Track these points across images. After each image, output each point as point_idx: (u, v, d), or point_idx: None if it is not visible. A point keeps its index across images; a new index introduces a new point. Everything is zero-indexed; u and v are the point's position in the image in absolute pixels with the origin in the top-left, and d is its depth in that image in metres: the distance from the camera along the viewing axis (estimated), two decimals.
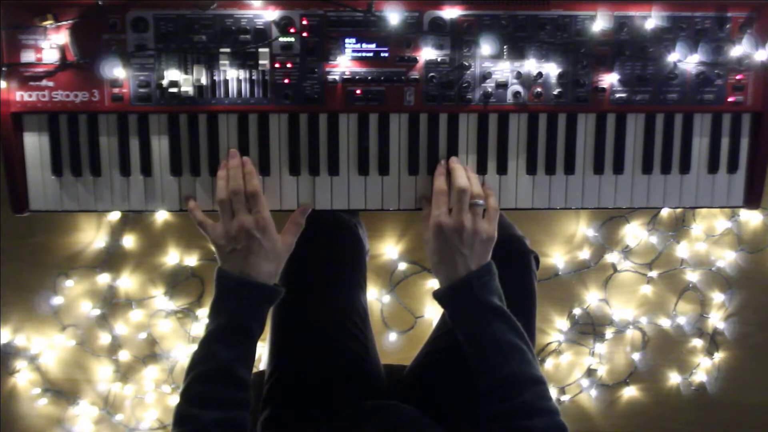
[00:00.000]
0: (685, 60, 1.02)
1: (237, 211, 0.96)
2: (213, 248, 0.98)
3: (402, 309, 1.83)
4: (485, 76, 1.02)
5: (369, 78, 1.02)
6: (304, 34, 1.01)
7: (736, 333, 1.90)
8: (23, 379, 1.83)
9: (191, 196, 1.04)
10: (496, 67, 1.03)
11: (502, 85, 1.03)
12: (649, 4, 1.01)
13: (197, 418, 0.88)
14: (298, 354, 1.10)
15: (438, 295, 0.97)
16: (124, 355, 1.82)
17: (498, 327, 0.92)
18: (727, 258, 1.86)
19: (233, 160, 1.00)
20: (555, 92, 1.03)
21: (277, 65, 1.01)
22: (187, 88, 1.00)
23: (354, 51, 1.01)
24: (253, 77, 1.02)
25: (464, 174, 0.99)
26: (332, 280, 1.15)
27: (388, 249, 1.80)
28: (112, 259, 1.79)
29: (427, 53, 1.02)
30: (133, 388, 1.84)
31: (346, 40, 1.01)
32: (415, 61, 1.02)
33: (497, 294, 0.95)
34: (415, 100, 1.03)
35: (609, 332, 1.88)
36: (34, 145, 1.03)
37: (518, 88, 1.03)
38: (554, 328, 1.87)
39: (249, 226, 0.95)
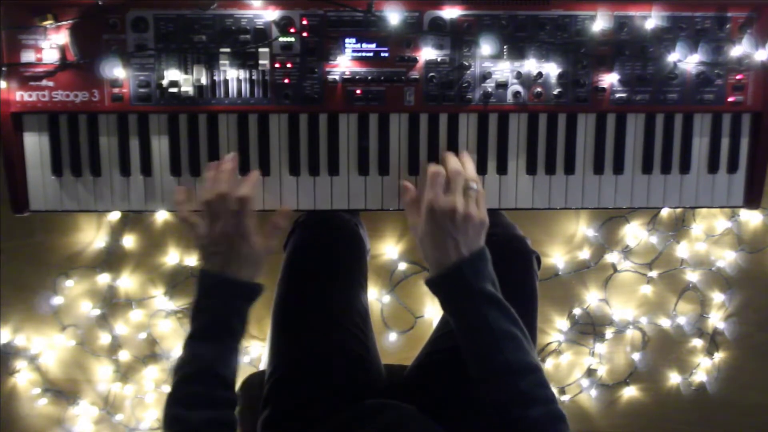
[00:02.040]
0: (685, 60, 1.02)
1: (221, 214, 0.95)
2: (196, 246, 0.98)
3: (402, 309, 1.83)
4: (485, 76, 1.02)
5: (369, 78, 1.02)
6: (304, 34, 1.01)
7: (736, 333, 1.90)
8: (23, 379, 1.83)
9: (182, 189, 1.02)
10: (496, 67, 1.03)
11: (502, 85, 1.03)
12: (649, 4, 1.01)
13: (186, 419, 0.88)
14: (298, 354, 1.10)
15: (430, 282, 0.96)
16: (124, 355, 1.82)
17: (491, 314, 0.90)
18: (727, 258, 1.86)
19: (229, 164, 0.99)
20: (555, 92, 1.03)
21: (277, 65, 1.01)
22: (187, 88, 1.00)
23: (354, 51, 1.01)
24: (253, 77, 1.02)
25: (456, 159, 0.99)
26: (333, 279, 1.15)
27: (388, 249, 1.80)
28: (112, 259, 1.79)
29: (427, 53, 1.02)
30: (133, 388, 1.84)
31: (346, 40, 1.01)
32: (415, 61, 1.02)
33: (490, 280, 0.94)
34: (415, 100, 1.03)
35: (609, 332, 1.88)
36: (34, 145, 1.03)
37: (518, 88, 1.03)
38: (554, 328, 1.87)
39: (231, 232, 0.95)
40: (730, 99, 1.05)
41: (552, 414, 0.88)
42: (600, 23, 1.01)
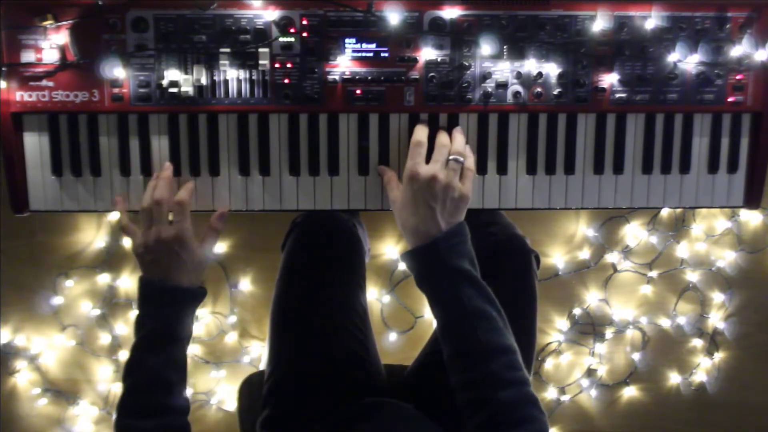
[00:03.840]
0: (685, 60, 1.02)
1: (156, 221, 0.96)
2: (134, 255, 0.99)
3: (402, 309, 1.83)
4: (485, 76, 1.02)
5: (369, 78, 1.02)
6: (304, 34, 1.01)
7: (736, 333, 1.90)
8: (23, 379, 1.83)
9: (120, 196, 1.04)
10: (496, 67, 1.03)
11: (502, 85, 1.03)
12: (649, 4, 1.01)
13: (137, 429, 0.89)
14: (297, 354, 1.10)
15: (404, 256, 0.95)
16: (124, 355, 1.82)
17: (466, 292, 0.89)
18: (727, 258, 1.86)
19: (165, 172, 1.01)
20: (555, 92, 1.03)
21: (277, 65, 1.01)
22: (187, 88, 1.00)
23: (354, 51, 1.01)
24: (253, 77, 1.02)
25: (446, 135, 0.99)
26: (331, 280, 1.14)
27: (388, 249, 1.80)
28: (112, 259, 1.79)
29: (427, 53, 1.02)
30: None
31: (346, 40, 1.01)
32: (415, 61, 1.02)
33: (468, 258, 0.92)
34: (415, 100, 1.03)
35: (609, 332, 1.88)
36: (34, 145, 1.03)
37: (518, 88, 1.03)
38: (554, 328, 1.87)
39: (166, 237, 0.95)
40: (730, 99, 1.05)
41: (523, 396, 0.85)
42: (600, 23, 1.01)
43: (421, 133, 0.99)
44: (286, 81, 1.02)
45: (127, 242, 1.78)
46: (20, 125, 1.03)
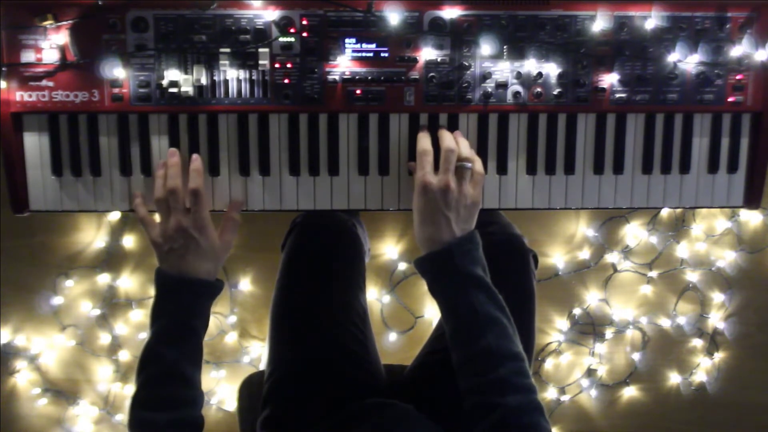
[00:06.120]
0: (685, 60, 1.02)
1: (173, 210, 0.95)
2: (152, 247, 0.98)
3: (402, 309, 1.83)
4: (485, 76, 1.02)
5: (369, 78, 1.02)
6: (304, 34, 1.01)
7: (736, 333, 1.90)
8: (23, 379, 1.83)
9: (139, 192, 1.03)
10: (496, 67, 1.03)
11: (502, 85, 1.03)
12: (649, 4, 1.01)
13: (152, 421, 0.89)
14: (297, 354, 1.10)
15: (418, 262, 0.95)
16: (124, 355, 1.82)
17: (477, 298, 0.90)
18: (727, 258, 1.86)
19: (173, 158, 1.00)
20: (555, 92, 1.03)
21: (277, 65, 1.01)
22: (187, 88, 1.00)
23: (354, 51, 1.01)
24: (253, 77, 1.02)
25: (451, 137, 0.98)
26: (331, 280, 1.15)
27: (388, 249, 1.80)
28: (112, 259, 1.79)
29: (427, 53, 1.02)
30: (133, 388, 1.84)
31: (346, 40, 1.01)
32: (415, 61, 1.02)
33: (480, 264, 0.93)
34: (415, 100, 1.03)
35: (609, 332, 1.88)
36: (34, 145, 1.03)
37: (518, 88, 1.03)
38: (554, 328, 1.87)
39: (185, 225, 0.94)
40: (730, 99, 1.05)
41: (529, 404, 0.86)
42: (600, 23, 1.01)
43: (425, 141, 0.99)
44: (286, 81, 1.02)
45: (127, 242, 1.78)
46: (20, 125, 1.03)
